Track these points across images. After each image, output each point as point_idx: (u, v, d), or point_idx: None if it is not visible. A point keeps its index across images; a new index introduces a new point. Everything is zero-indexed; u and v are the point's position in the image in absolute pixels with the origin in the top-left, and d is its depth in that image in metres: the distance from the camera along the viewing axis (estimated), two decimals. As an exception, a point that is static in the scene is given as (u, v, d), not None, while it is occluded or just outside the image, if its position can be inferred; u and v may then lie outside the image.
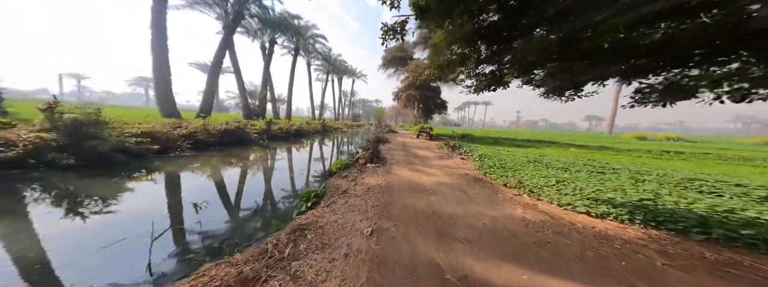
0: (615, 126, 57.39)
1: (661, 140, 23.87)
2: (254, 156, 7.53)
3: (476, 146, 10.70)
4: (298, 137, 13.51)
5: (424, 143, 12.07)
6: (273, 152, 8.50)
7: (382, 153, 7.33)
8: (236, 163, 6.34)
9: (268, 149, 8.79)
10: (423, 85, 16.62)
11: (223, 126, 8.22)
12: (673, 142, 22.76)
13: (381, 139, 11.47)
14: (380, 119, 37.26)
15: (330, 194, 3.51)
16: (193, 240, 2.54)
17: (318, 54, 32.79)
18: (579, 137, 27.39)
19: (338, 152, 10.19)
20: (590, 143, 16.60)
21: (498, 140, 15.29)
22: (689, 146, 15.68)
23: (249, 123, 10.59)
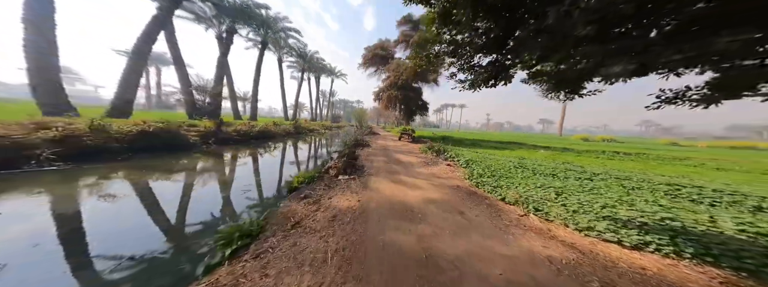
0: (553, 129, 64.66)
1: (599, 141, 27.51)
2: (183, 167, 5.67)
3: (459, 149, 10.30)
4: (263, 139, 11.67)
5: (406, 146, 11.31)
6: (216, 161, 6.73)
7: (360, 159, 6.27)
8: (137, 179, 4.44)
9: (211, 157, 6.97)
10: (405, 85, 16.02)
11: (136, 127, 6.16)
12: (608, 143, 26.38)
13: (360, 142, 10.38)
14: (361, 121, 36.01)
15: (273, 229, 2.33)
16: None
17: (291, 50, 30.40)
18: (538, 138, 29.70)
19: (309, 158, 8.77)
20: (551, 144, 17.82)
21: (476, 142, 15.39)
22: (623, 146, 17.82)
23: (186, 124, 8.55)
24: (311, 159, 8.60)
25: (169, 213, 3.22)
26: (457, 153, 7.45)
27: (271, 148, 9.80)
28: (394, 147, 10.18)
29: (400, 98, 15.88)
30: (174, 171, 5.31)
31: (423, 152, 8.52)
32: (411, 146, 10.90)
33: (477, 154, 8.19)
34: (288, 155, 9.05)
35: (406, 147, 10.46)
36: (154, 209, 3.34)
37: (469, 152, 8.58)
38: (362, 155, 7.32)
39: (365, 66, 20.70)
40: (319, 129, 23.54)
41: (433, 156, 7.57)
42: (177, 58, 12.34)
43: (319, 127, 23.98)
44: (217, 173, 5.66)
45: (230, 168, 6.26)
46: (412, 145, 11.73)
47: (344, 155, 6.11)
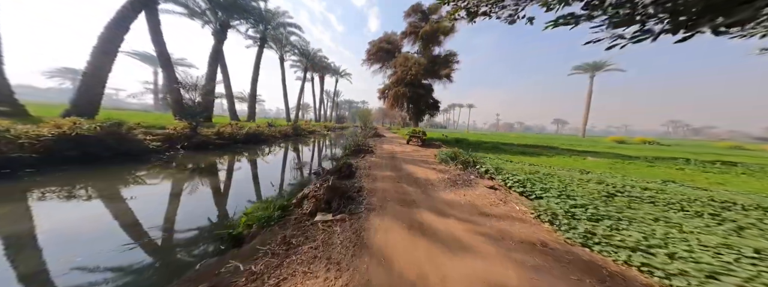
0: (577, 129, 61.01)
1: (640, 143, 24.17)
2: (69, 191, 3.60)
3: (484, 155, 8.31)
4: (253, 144, 10.08)
5: (417, 151, 9.40)
6: (158, 176, 4.95)
7: (358, 176, 4.46)
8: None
9: (162, 169, 5.20)
10: (414, 81, 14.11)
11: (53, 130, 4.39)
12: (651, 146, 23.07)
13: (362, 147, 8.57)
14: (366, 121, 34.29)
15: None
16: None
17: (293, 47, 29.22)
18: (563, 140, 26.86)
19: (296, 170, 6.99)
20: (588, 147, 15.37)
21: (498, 146, 13.25)
22: (677, 151, 15.00)
23: (142, 125, 6.95)
24: (299, 171, 6.83)
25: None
26: (495, 167, 5.38)
27: (257, 154, 8.15)
28: (403, 154, 8.30)
29: (408, 95, 13.98)
30: (43, 197, 3.33)
31: (442, 162, 6.60)
32: (424, 153, 8.99)
33: (516, 165, 6.20)
34: (271, 165, 7.33)
35: (418, 154, 8.56)
36: None
37: (502, 162, 6.60)
38: (363, 166, 5.52)
39: (369, 62, 18.94)
40: (321, 130, 22.00)
41: (458, 169, 5.62)
42: (162, 53, 11.04)
43: (321, 128, 22.43)
44: (126, 201, 3.53)
45: (164, 190, 4.21)
46: (424, 150, 9.82)
47: (335, 172, 4.29)
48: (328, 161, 7.77)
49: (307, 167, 7.02)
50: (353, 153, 7.79)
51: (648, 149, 17.00)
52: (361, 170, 4.96)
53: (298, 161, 8.08)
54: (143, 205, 3.41)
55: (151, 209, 3.35)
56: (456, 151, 7.46)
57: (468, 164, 5.71)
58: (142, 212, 3.16)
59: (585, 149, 14.33)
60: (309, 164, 7.51)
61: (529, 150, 12.10)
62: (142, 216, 3.07)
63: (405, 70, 14.05)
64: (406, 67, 14.08)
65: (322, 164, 7.14)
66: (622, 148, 17.13)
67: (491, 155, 8.68)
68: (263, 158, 7.70)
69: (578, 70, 44.43)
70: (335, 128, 31.42)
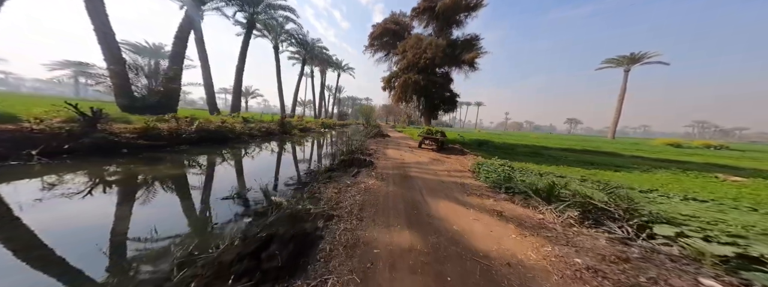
0: (590, 130, 54.05)
1: (701, 148, 20.41)
2: None
3: (539, 169, 5.46)
4: (215, 144, 7.43)
5: (437, 160, 6.53)
6: None
7: (329, 238, 1.70)
8: None
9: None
10: (429, 67, 11.03)
11: None
12: (716, 150, 19.46)
13: (358, 157, 5.83)
14: (369, 118, 31.53)
15: None
16: None
17: (290, 37, 26.49)
18: (601, 143, 23.32)
19: (235, 197, 4.11)
20: (654, 153, 12.00)
21: (537, 152, 10.29)
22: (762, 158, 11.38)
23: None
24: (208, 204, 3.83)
25: None
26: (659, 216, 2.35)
27: (192, 164, 5.21)
28: (418, 168, 5.41)
29: (421, 84, 10.95)
30: None
31: (493, 187, 3.72)
32: (449, 165, 6.09)
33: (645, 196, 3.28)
34: (213, 181, 4.30)
35: (442, 167, 5.66)
36: None
37: (598, 189, 3.71)
38: (347, 204, 2.72)
39: (372, 47, 15.98)
40: (317, 128, 19.34)
41: (552, 212, 2.60)
42: (101, 27, 8.47)
43: (317, 125, 19.77)
44: None
45: None
46: (446, 159, 6.95)
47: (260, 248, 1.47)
48: (303, 175, 5.05)
49: (272, 182, 4.19)
50: (343, 166, 5.05)
51: (723, 155, 13.45)
52: (348, 209, 2.22)
53: (271, 170, 5.37)
54: None
55: None
56: (503, 164, 4.60)
57: (551, 196, 2.83)
58: None
59: (652, 155, 11.13)
60: (291, 172, 4.67)
61: (585, 158, 9.06)
62: None
63: (418, 53, 11.06)
64: (420, 49, 11.08)
65: (279, 184, 4.41)
66: (683, 153, 13.73)
67: (547, 168, 5.78)
68: (192, 170, 4.96)
69: (610, 63, 39.83)
70: (335, 126, 28.67)
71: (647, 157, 10.53)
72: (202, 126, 7.13)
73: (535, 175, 4.65)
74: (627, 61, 38.13)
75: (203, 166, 5.15)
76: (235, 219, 2.71)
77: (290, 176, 4.88)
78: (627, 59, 37.97)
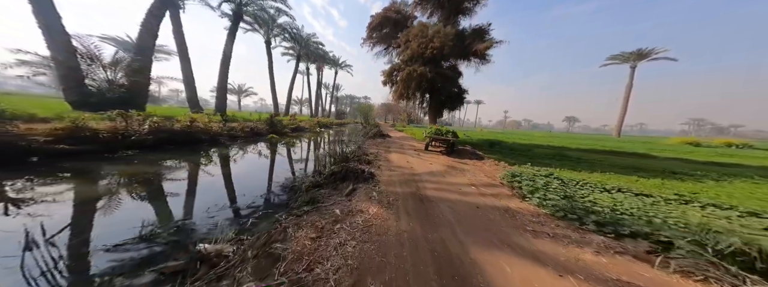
0: (587, 128, 52.75)
1: (723, 147, 19.25)
2: None
3: (571, 177, 4.18)
4: (184, 147, 6.06)
5: (453, 168, 5.16)
6: None
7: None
8: None
9: None
10: (436, 57, 9.63)
11: None
12: (739, 149, 18.34)
13: (353, 167, 4.51)
14: (367, 117, 30.19)
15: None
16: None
17: (283, 31, 24.98)
18: (613, 142, 22.05)
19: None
20: (680, 154, 10.69)
21: (562, 154, 9.01)
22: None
23: None
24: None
25: None
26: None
27: (113, 180, 3.71)
28: (436, 182, 4.03)
29: (428, 77, 9.56)
30: None
31: (559, 215, 2.42)
32: (472, 174, 4.70)
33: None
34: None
35: (465, 178, 4.26)
36: None
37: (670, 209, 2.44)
38: (332, 277, 1.43)
39: (371, 40, 14.60)
40: (312, 128, 17.95)
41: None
42: (41, 10, 6.96)
43: (311, 125, 18.37)
44: None
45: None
46: (462, 166, 5.63)
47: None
48: (274, 197, 3.72)
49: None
50: (334, 180, 3.72)
51: (747, 154, 12.24)
52: None
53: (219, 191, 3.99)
54: None
55: None
56: (548, 175, 3.31)
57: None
58: None
59: (683, 155, 9.86)
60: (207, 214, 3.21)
61: (619, 161, 7.78)
62: None
63: (423, 42, 9.67)
64: (425, 38, 9.70)
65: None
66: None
67: (593, 176, 4.51)
68: (105, 189, 3.56)
69: (615, 59, 38.70)
70: (332, 125, 27.27)
71: (686, 159, 9.29)
72: (161, 126, 5.73)
73: (601, 191, 3.37)
74: (634, 57, 37.00)
75: (128, 182, 3.73)
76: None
77: (258, 195, 3.55)
78: (634, 55, 36.82)
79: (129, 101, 8.18)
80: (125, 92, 8.37)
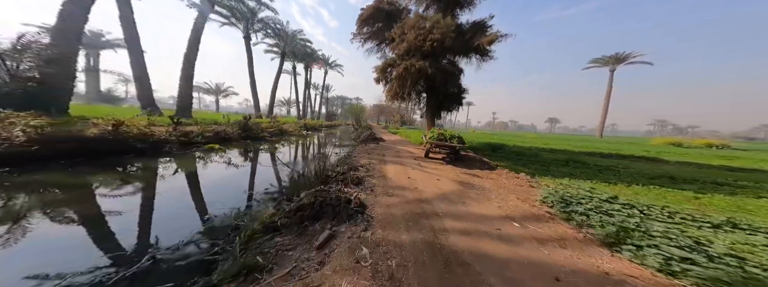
0: (566, 128, 55.07)
1: (703, 147, 19.81)
2: None
3: (610, 197, 3.05)
4: (107, 156, 4.34)
5: (470, 185, 3.63)
6: None
7: None
8: None
9: None
10: (436, 51, 8.41)
11: None
12: (718, 149, 18.96)
13: (331, 199, 3.10)
14: (359, 118, 28.73)
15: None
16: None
17: (265, 26, 23.04)
18: (602, 143, 22.10)
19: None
20: (676, 155, 10.23)
21: (575, 160, 8.11)
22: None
23: None
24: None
25: None
26: None
27: None
28: (456, 215, 2.49)
29: (428, 72, 8.29)
30: None
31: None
32: (497, 194, 3.22)
33: None
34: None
35: (494, 205, 2.74)
36: None
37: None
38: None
39: (361, 36, 13.26)
40: (296, 131, 16.19)
41: None
42: None
43: (296, 127, 16.60)
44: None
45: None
46: (477, 179, 4.31)
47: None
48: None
49: None
50: (301, 220, 2.31)
51: (740, 156, 12.07)
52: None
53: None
54: None
55: None
56: (611, 200, 2.04)
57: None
58: None
59: (687, 159, 9.30)
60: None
61: (642, 168, 6.76)
62: None
63: (421, 34, 8.44)
64: (423, 29, 8.48)
65: None
66: (692, 154, 12.33)
67: (633, 195, 3.43)
68: None
69: (597, 63, 40.33)
70: (321, 127, 25.45)
71: (697, 163, 8.70)
72: (57, 134, 3.99)
73: (710, 227, 2.21)
74: (612, 61, 38.76)
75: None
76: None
77: (159, 247, 2.02)
78: (612, 59, 38.57)
79: (40, 98, 6.21)
80: (35, 88, 6.38)
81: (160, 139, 6.03)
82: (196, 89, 51.38)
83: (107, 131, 4.77)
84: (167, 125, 6.41)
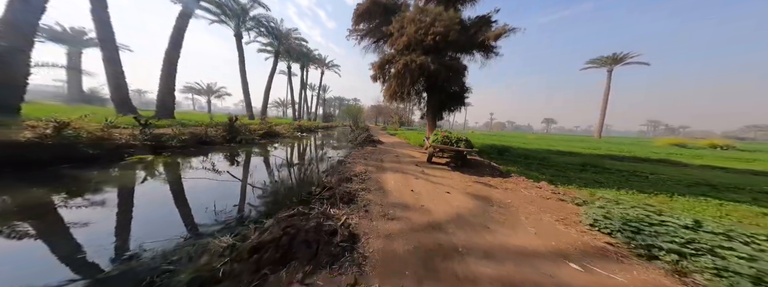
0: (562, 129, 54.47)
1: (707, 148, 19.37)
2: None
3: (643, 199, 2.29)
4: (43, 167, 3.46)
5: (488, 199, 2.79)
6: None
7: None
8: None
9: None
10: (437, 46, 7.65)
11: None
12: (723, 150, 18.59)
13: (312, 226, 2.28)
14: (357, 119, 27.88)
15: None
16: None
17: (258, 24, 22.23)
18: (602, 143, 21.56)
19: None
20: (683, 156, 9.48)
21: (592, 164, 7.40)
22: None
23: None
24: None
25: None
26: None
27: None
28: (482, 247, 1.66)
29: (430, 69, 7.50)
30: None
31: None
32: (527, 213, 2.40)
33: None
34: None
35: (527, 232, 1.88)
36: None
37: None
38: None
39: (357, 33, 12.54)
40: (290, 133, 15.33)
41: None
42: None
43: (289, 130, 15.73)
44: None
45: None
46: (492, 190, 3.40)
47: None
48: None
49: None
50: (254, 267, 1.53)
51: (739, 157, 11.48)
52: None
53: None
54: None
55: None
56: (669, 225, 1.23)
57: None
58: None
59: (705, 162, 8.60)
60: None
61: (674, 174, 5.99)
62: None
63: (423, 27, 7.69)
64: (424, 22, 7.75)
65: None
66: (695, 155, 11.63)
67: (647, 200, 2.72)
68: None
69: (594, 63, 40.35)
70: (318, 129, 24.56)
71: (721, 167, 8.05)
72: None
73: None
74: (610, 61, 38.78)
75: None
76: None
77: None
78: (610, 60, 38.60)
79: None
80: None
81: (121, 144, 5.17)
82: (189, 90, 50.00)
83: (44, 135, 3.91)
84: (132, 127, 5.55)
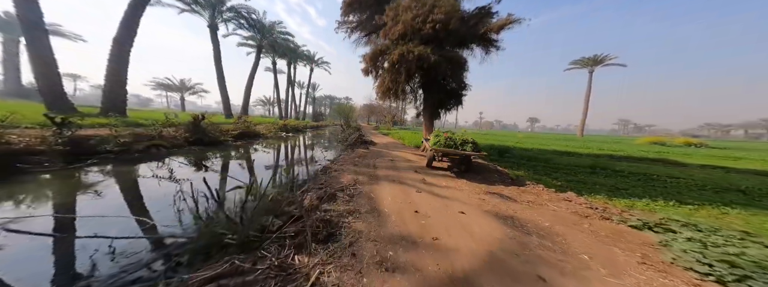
0: (544, 127, 56.46)
1: (682, 146, 20.46)
2: None
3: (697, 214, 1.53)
4: None
5: (515, 218, 1.89)
6: None
7: None
8: None
9: None
10: (436, 35, 6.68)
11: None
12: (697, 148, 19.61)
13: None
14: (348, 118, 26.55)
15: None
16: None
17: (237, 16, 20.30)
18: (588, 141, 22.03)
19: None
20: (680, 156, 9.32)
21: (600, 166, 6.86)
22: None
23: None
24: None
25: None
26: None
27: None
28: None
29: (430, 60, 6.54)
30: None
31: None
32: (599, 266, 1.49)
33: None
34: None
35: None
36: None
37: None
38: None
39: (347, 23, 11.43)
40: (272, 133, 13.90)
41: None
42: None
43: (272, 130, 14.27)
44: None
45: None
46: (514, 204, 2.39)
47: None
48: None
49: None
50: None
51: (706, 154, 11.59)
52: None
53: None
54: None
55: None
56: None
57: None
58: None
59: (704, 162, 8.36)
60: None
61: (695, 177, 5.39)
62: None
63: (420, 14, 6.68)
64: (423, 9, 6.75)
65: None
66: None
67: (693, 215, 2.04)
68: None
69: (576, 64, 42.03)
70: (306, 128, 23.04)
71: (718, 166, 7.89)
72: None
73: None
74: (591, 63, 40.60)
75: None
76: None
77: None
78: (591, 61, 40.43)
79: None
80: None
81: (18, 150, 3.80)
82: (159, 86, 45.68)
83: None
84: (44, 127, 4.14)
